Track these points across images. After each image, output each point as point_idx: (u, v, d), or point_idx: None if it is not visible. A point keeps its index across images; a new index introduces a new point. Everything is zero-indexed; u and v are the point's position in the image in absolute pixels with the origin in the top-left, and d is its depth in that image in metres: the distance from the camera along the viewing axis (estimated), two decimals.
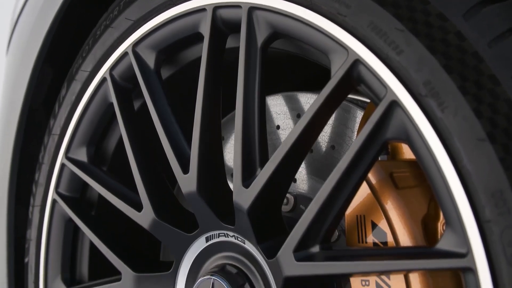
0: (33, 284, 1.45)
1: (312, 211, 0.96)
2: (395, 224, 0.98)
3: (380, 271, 0.90)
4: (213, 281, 1.10)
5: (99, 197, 1.42)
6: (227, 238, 1.13)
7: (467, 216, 0.80)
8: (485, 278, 0.79)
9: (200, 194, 1.13)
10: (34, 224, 1.46)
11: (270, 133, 1.29)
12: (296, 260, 0.98)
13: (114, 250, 1.29)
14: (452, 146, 0.82)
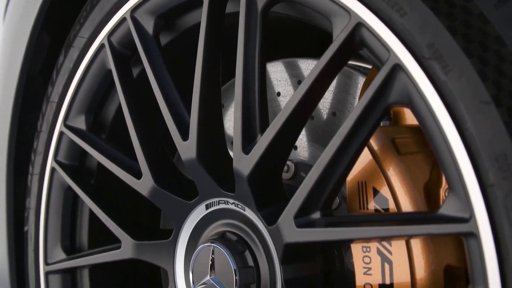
0: (33, 253, 1.45)
1: (313, 177, 0.95)
2: (397, 191, 0.97)
3: (381, 236, 0.89)
4: (213, 248, 1.09)
5: (99, 165, 1.41)
6: (227, 205, 1.13)
7: (470, 180, 0.79)
8: (488, 243, 0.78)
9: (199, 161, 1.12)
10: (33, 192, 1.45)
11: (270, 100, 1.27)
12: (297, 226, 0.97)
13: (113, 218, 1.29)
14: (455, 109, 0.80)
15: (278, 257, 1.03)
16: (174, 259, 1.21)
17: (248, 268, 1.07)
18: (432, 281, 0.94)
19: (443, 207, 0.83)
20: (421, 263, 0.95)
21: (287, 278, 1.03)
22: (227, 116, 1.38)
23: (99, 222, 1.31)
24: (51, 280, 1.41)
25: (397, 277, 0.97)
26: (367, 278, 1.00)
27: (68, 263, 1.38)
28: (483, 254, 0.78)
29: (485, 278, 0.78)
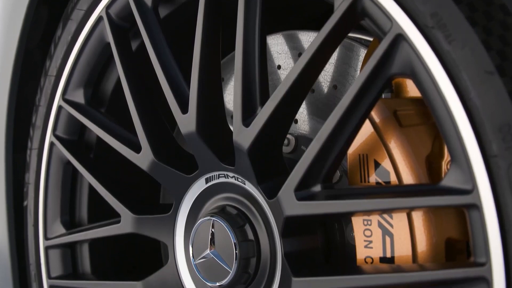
0: (32, 227, 1.44)
1: (314, 149, 0.94)
2: (398, 163, 0.96)
3: (382, 209, 0.88)
4: (213, 222, 1.09)
5: (98, 140, 1.40)
6: (227, 179, 1.12)
7: (473, 151, 0.78)
8: (490, 215, 0.77)
9: (199, 134, 1.11)
10: (32, 167, 1.45)
11: (271, 73, 1.26)
12: (297, 199, 0.96)
13: (113, 192, 1.28)
14: (459, 79, 0.79)
15: (278, 231, 1.03)
16: (174, 233, 1.20)
17: (248, 241, 1.07)
18: (433, 254, 0.94)
19: (445, 179, 0.82)
20: (422, 236, 0.94)
21: (287, 251, 1.02)
22: (227, 90, 1.37)
23: (99, 197, 1.31)
24: (51, 254, 1.41)
25: (398, 250, 0.96)
26: (368, 251, 0.99)
27: (68, 237, 1.37)
28: (485, 226, 0.77)
29: (487, 250, 0.77)
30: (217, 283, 1.09)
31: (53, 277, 1.40)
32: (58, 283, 1.39)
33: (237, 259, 1.06)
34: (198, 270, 1.11)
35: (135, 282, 1.24)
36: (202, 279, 1.11)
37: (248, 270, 1.07)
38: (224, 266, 1.07)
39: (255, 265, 1.07)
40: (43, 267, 1.41)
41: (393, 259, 0.97)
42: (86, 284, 1.36)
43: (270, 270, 1.06)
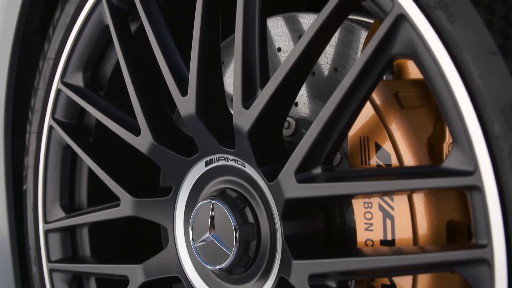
0: (32, 211, 1.44)
1: (314, 131, 0.93)
2: (399, 145, 0.96)
3: (383, 191, 0.88)
4: (213, 205, 1.08)
5: (97, 123, 1.40)
6: (227, 162, 1.11)
7: (475, 132, 0.77)
8: (492, 196, 0.76)
9: (199, 117, 1.10)
10: (31, 151, 1.44)
11: (271, 55, 1.25)
12: (298, 181, 0.96)
13: (112, 176, 1.27)
14: (461, 60, 0.78)
15: (279, 213, 1.02)
16: (174, 217, 1.20)
17: (248, 224, 1.06)
18: (434, 237, 0.93)
19: (447, 160, 0.81)
20: (423, 219, 0.93)
21: (288, 234, 1.02)
22: (227, 73, 1.36)
23: (98, 181, 1.30)
24: (50, 238, 1.40)
25: (398, 233, 0.96)
26: (368, 234, 0.99)
27: (67, 221, 1.37)
28: (487, 207, 0.77)
29: (489, 232, 0.77)
30: (217, 266, 1.08)
31: (53, 261, 1.40)
32: (58, 266, 1.39)
33: (237, 242, 1.05)
34: (198, 253, 1.11)
35: (135, 265, 1.23)
36: (202, 262, 1.11)
37: (248, 253, 1.06)
38: (224, 249, 1.07)
39: (255, 248, 1.06)
40: (43, 250, 1.41)
41: (393, 241, 0.97)
42: (86, 268, 1.36)
43: (270, 253, 1.05)
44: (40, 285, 1.43)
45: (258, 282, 1.08)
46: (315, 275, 0.95)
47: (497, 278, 0.76)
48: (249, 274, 1.09)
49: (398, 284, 0.98)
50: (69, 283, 1.40)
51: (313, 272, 0.95)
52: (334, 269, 0.93)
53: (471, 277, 0.80)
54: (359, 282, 1.03)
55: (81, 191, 1.43)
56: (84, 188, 1.43)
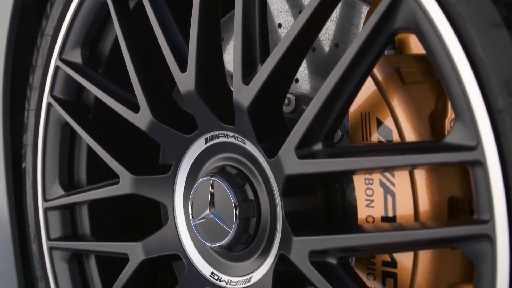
0: (31, 189, 1.43)
1: (315, 107, 0.92)
2: (401, 121, 0.95)
3: (385, 166, 0.87)
4: (213, 182, 1.07)
5: (96, 100, 1.39)
6: (226, 138, 1.10)
7: (478, 106, 0.76)
8: (495, 171, 0.75)
9: (198, 93, 1.09)
10: (30, 128, 1.43)
11: (271, 31, 1.23)
12: (298, 158, 0.95)
13: (111, 153, 1.27)
14: (464, 32, 0.77)
15: (279, 190, 1.01)
16: (174, 194, 1.19)
17: (248, 201, 1.06)
18: (436, 213, 0.93)
19: (449, 135, 0.80)
20: (424, 195, 0.92)
21: (288, 211, 1.01)
22: (227, 49, 1.35)
23: (97, 158, 1.29)
24: (50, 216, 1.40)
25: (400, 209, 0.95)
26: (369, 211, 0.98)
27: (67, 199, 1.37)
28: (490, 183, 0.76)
29: (491, 208, 0.76)
30: (216, 243, 1.08)
31: (53, 239, 1.40)
32: (57, 244, 1.39)
33: (237, 219, 1.05)
34: (198, 231, 1.11)
35: (134, 243, 1.23)
36: (202, 239, 1.10)
37: (248, 230, 1.06)
38: (224, 226, 1.06)
39: (255, 225, 1.06)
40: (43, 228, 1.40)
41: (394, 218, 0.96)
42: (86, 246, 1.35)
43: (270, 230, 1.05)
44: (39, 263, 1.43)
45: (258, 259, 1.08)
46: (316, 252, 0.95)
47: (499, 253, 0.76)
48: (249, 251, 1.09)
49: (399, 261, 0.97)
50: (69, 261, 1.40)
51: (314, 249, 0.94)
52: (335, 246, 0.93)
53: (472, 253, 0.79)
54: (359, 259, 1.03)
55: (80, 169, 1.42)
56: (83, 166, 1.42)
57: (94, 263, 1.41)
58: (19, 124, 1.50)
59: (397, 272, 0.97)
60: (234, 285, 1.12)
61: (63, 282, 1.39)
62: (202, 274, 1.16)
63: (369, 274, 1.01)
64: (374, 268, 1.00)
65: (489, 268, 0.76)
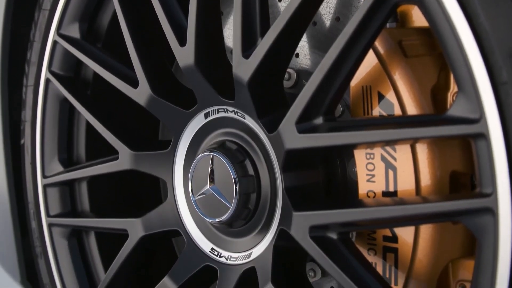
0: (30, 165, 1.43)
1: (316, 80, 0.91)
2: (403, 95, 0.93)
3: (386, 140, 0.85)
4: (213, 157, 1.07)
5: (95, 75, 1.38)
6: (226, 113, 1.09)
7: (482, 78, 0.75)
8: (498, 144, 0.74)
9: (198, 67, 1.08)
10: (28, 104, 1.42)
11: (271, 5, 1.22)
12: (298, 132, 0.94)
13: (110, 129, 1.26)
14: (468, 3, 0.76)
15: (279, 165, 1.01)
16: (173, 170, 1.19)
17: (248, 177, 1.05)
18: (437, 188, 0.92)
19: (451, 108, 0.79)
20: (426, 169, 0.92)
21: (288, 186, 1.00)
22: (226, 24, 1.33)
23: (96, 134, 1.28)
24: (49, 193, 1.39)
25: (401, 184, 0.94)
26: (370, 186, 0.98)
27: (66, 175, 1.36)
28: (492, 156, 0.75)
29: (494, 181, 0.75)
30: (216, 219, 1.07)
31: (52, 215, 1.39)
32: (57, 221, 1.38)
33: (237, 194, 1.04)
34: (198, 206, 1.10)
35: (134, 219, 1.22)
36: (202, 215, 1.10)
37: (248, 205, 1.05)
38: (223, 202, 1.06)
39: (255, 200, 1.05)
40: (42, 205, 1.40)
41: (396, 193, 0.95)
42: (85, 222, 1.35)
43: (270, 205, 1.04)
44: (39, 239, 1.42)
45: (258, 235, 1.07)
46: (316, 227, 0.94)
47: (501, 227, 0.75)
48: (249, 227, 1.08)
49: (400, 236, 0.97)
50: (69, 238, 1.39)
51: (314, 224, 0.94)
52: (335, 221, 0.92)
53: (474, 227, 0.78)
54: (360, 234, 1.02)
55: (79, 145, 1.42)
56: (82, 142, 1.41)
57: (93, 240, 1.41)
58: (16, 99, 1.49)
59: (398, 247, 0.97)
60: (234, 261, 1.11)
61: (63, 258, 1.39)
62: (202, 250, 1.16)
63: (369, 249, 1.01)
64: (375, 243, 1.00)
65: (491, 241, 0.76)
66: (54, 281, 1.39)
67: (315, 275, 1.19)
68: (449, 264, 0.97)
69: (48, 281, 1.41)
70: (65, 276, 1.38)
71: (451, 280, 0.97)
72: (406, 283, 0.96)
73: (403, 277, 0.97)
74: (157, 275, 1.35)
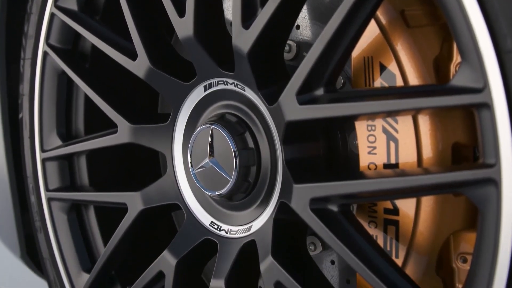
0: (28, 140, 1.42)
1: (317, 50, 0.90)
2: (405, 66, 0.92)
3: (388, 111, 0.84)
4: (212, 130, 1.06)
5: (93, 48, 1.36)
6: (226, 86, 1.08)
7: (486, 47, 0.73)
8: (501, 114, 0.73)
9: (197, 39, 1.06)
10: (26, 78, 1.41)
11: None
12: (299, 103, 0.93)
13: (109, 102, 1.24)
14: None
15: (279, 137, 1.00)
16: (172, 143, 1.18)
17: (248, 149, 1.04)
18: (439, 160, 0.91)
19: (454, 78, 0.78)
20: (428, 141, 0.91)
21: (288, 158, 0.99)
22: None
23: (95, 108, 1.27)
24: (48, 167, 1.38)
25: (402, 156, 0.93)
26: (371, 158, 0.97)
27: (65, 149, 1.35)
28: (496, 126, 0.74)
29: (497, 151, 0.74)
30: (216, 192, 1.07)
31: (51, 190, 1.38)
32: (56, 195, 1.38)
33: (237, 167, 1.03)
34: (197, 180, 1.09)
35: (133, 193, 1.22)
36: (201, 188, 1.09)
37: (248, 178, 1.04)
38: (223, 175, 1.05)
39: (255, 173, 1.04)
40: (41, 179, 1.39)
41: (397, 165, 0.94)
42: (84, 196, 1.34)
43: (270, 178, 1.03)
44: (38, 214, 1.42)
45: (258, 208, 1.07)
46: (317, 199, 0.93)
47: (504, 198, 0.74)
48: (249, 200, 1.07)
49: (401, 208, 0.96)
50: (68, 212, 1.39)
51: (315, 196, 0.93)
52: (336, 193, 0.91)
53: (477, 198, 0.78)
54: (361, 207, 1.02)
55: (77, 119, 1.40)
56: (81, 115, 1.40)
57: (93, 214, 1.40)
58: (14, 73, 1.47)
59: (399, 220, 0.96)
60: (234, 234, 1.11)
61: (63, 233, 1.39)
62: (201, 223, 1.15)
63: (370, 222, 1.00)
64: (376, 216, 0.99)
65: (494, 212, 0.75)
66: (54, 255, 1.39)
67: (315, 249, 1.18)
68: (450, 236, 0.96)
69: (47, 255, 1.41)
70: (65, 250, 1.38)
71: (452, 252, 0.97)
72: (407, 255, 0.96)
73: (404, 249, 0.96)
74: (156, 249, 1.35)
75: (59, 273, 1.39)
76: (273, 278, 0.99)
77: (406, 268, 0.96)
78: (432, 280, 0.95)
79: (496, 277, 0.76)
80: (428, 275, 0.95)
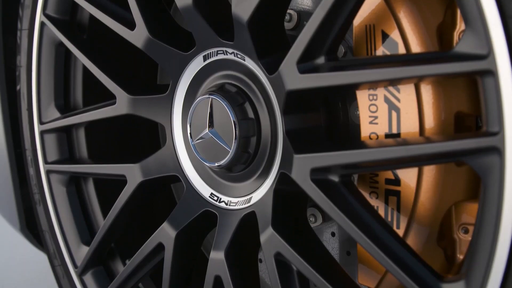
0: (26, 112, 1.40)
1: (318, 18, 0.88)
2: (407, 33, 0.91)
3: (390, 79, 0.83)
4: (212, 101, 1.04)
5: (91, 19, 1.34)
6: (226, 55, 1.06)
7: (491, 12, 0.72)
8: (506, 81, 0.72)
9: (196, 8, 1.04)
10: (23, 49, 1.39)
11: None
12: (300, 72, 0.91)
13: (108, 73, 1.23)
14: None
15: (280, 107, 0.98)
16: (171, 114, 1.16)
17: (248, 120, 1.03)
18: (442, 129, 0.90)
19: (458, 45, 0.76)
20: (430, 110, 0.89)
21: (289, 129, 0.98)
22: None
23: (93, 79, 1.26)
24: (46, 139, 1.37)
25: (404, 126, 0.92)
26: (372, 128, 0.95)
27: (63, 121, 1.34)
28: (500, 93, 0.72)
29: (501, 119, 0.73)
30: (216, 163, 1.06)
31: (50, 162, 1.38)
32: (55, 167, 1.37)
33: (237, 138, 1.02)
34: (197, 151, 1.08)
35: (132, 165, 1.20)
36: (201, 159, 1.08)
37: (248, 149, 1.03)
38: (223, 146, 1.04)
39: (255, 144, 1.03)
40: (39, 152, 1.38)
41: (399, 135, 0.93)
42: (83, 168, 1.33)
43: (271, 149, 1.02)
44: (37, 186, 1.41)
45: (258, 179, 1.06)
46: (317, 169, 0.92)
47: (508, 167, 0.73)
48: (249, 171, 1.06)
49: (402, 179, 0.95)
50: (67, 185, 1.38)
51: (315, 166, 0.92)
52: (337, 162, 0.90)
53: (480, 167, 0.76)
54: (362, 177, 1.00)
55: (76, 91, 1.39)
56: (79, 87, 1.39)
57: (92, 187, 1.40)
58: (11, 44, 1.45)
59: (401, 190, 0.95)
60: (234, 206, 1.10)
61: (61, 205, 1.38)
62: (201, 195, 1.14)
63: (371, 192, 0.99)
64: (377, 186, 0.98)
65: (497, 181, 0.74)
66: (53, 227, 1.38)
67: (316, 220, 1.18)
68: (452, 207, 0.95)
69: (47, 227, 1.40)
70: (64, 223, 1.37)
71: (454, 223, 0.96)
72: (408, 226, 0.95)
73: (405, 220, 0.95)
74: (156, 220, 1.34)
75: (59, 246, 1.38)
76: (273, 249, 0.99)
77: (407, 238, 0.95)
78: (433, 251, 0.95)
79: (498, 248, 0.75)
80: (429, 246, 0.94)
